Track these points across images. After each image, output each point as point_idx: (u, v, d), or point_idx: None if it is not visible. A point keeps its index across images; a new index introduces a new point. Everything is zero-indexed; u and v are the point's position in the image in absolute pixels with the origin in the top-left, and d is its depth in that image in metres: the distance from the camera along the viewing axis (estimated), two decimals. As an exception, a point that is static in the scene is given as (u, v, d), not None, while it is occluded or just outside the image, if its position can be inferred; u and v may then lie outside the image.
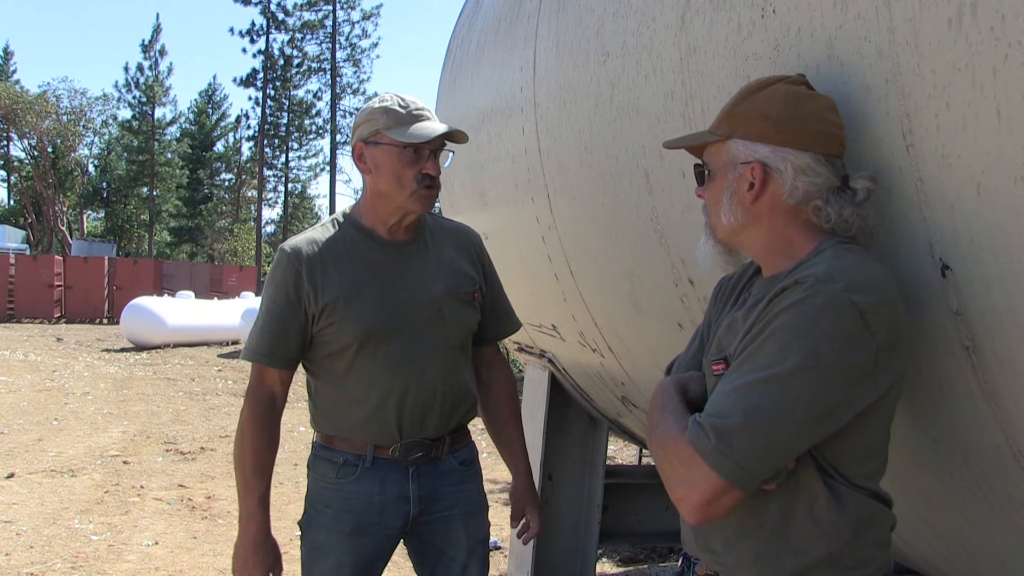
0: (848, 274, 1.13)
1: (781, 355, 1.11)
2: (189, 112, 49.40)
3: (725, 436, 1.12)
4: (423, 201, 1.99)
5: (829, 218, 1.21)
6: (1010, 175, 0.97)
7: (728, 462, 1.12)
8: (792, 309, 1.13)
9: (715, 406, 1.16)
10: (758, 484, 1.15)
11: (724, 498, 1.14)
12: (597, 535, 3.61)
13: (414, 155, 1.96)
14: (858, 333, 1.10)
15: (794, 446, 1.14)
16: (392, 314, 1.99)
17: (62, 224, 40.04)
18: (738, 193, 1.27)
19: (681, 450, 1.17)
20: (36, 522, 5.07)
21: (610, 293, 2.40)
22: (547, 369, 3.55)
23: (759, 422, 1.11)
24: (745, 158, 1.25)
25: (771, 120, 1.23)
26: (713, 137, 1.30)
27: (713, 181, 1.32)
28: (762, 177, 1.24)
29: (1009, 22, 0.94)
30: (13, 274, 23.04)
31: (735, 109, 1.28)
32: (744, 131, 1.26)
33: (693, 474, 1.15)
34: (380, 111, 1.97)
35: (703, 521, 1.19)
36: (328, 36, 43.20)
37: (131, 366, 13.48)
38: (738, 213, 1.28)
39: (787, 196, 1.23)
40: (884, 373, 1.13)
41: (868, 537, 1.21)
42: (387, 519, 2.03)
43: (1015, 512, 1.25)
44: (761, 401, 1.11)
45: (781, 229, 1.26)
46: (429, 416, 2.03)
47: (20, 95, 37.97)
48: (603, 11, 2.06)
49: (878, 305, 1.11)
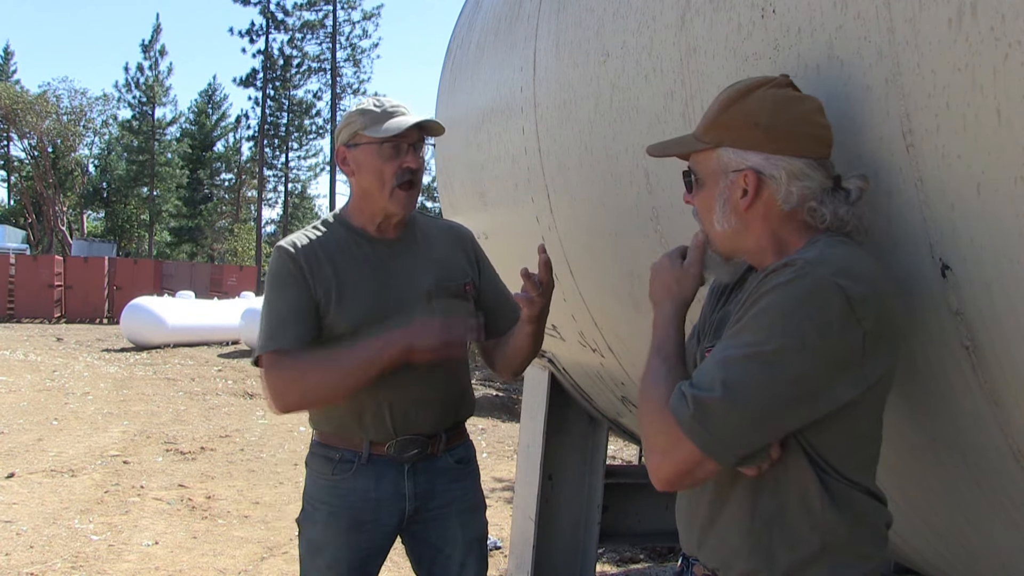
0: (838, 261, 1.14)
1: (765, 333, 1.12)
2: (189, 112, 49.46)
3: (703, 407, 1.13)
4: (402, 202, 2.01)
5: (824, 218, 1.22)
6: (1010, 175, 0.97)
7: (705, 433, 1.13)
8: (779, 289, 1.13)
9: (697, 378, 1.17)
10: (734, 459, 1.15)
11: (697, 470, 1.16)
12: (597, 535, 3.61)
13: (392, 150, 1.99)
14: (844, 318, 1.10)
15: (773, 424, 1.15)
16: (383, 308, 2.00)
17: (62, 224, 40.03)
18: (731, 200, 1.27)
19: (664, 418, 1.18)
20: (36, 522, 5.07)
21: (610, 293, 2.40)
22: (547, 369, 3.55)
23: (737, 396, 1.12)
24: (737, 166, 1.25)
25: (761, 128, 1.22)
26: (701, 146, 1.30)
27: (703, 189, 1.31)
28: (756, 184, 1.24)
29: (1009, 22, 0.94)
30: (13, 274, 23.03)
31: (722, 116, 1.27)
32: (733, 139, 1.25)
33: (669, 442, 1.17)
34: (357, 113, 2.02)
35: (670, 489, 1.22)
36: (328, 36, 43.20)
37: (131, 366, 13.48)
38: (731, 220, 1.28)
39: (782, 202, 1.23)
40: (872, 364, 1.13)
41: (864, 534, 1.22)
42: (383, 516, 2.04)
43: (1015, 512, 1.25)
44: (742, 376, 1.12)
45: (776, 231, 1.26)
46: (423, 411, 2.04)
47: (20, 95, 37.96)
48: (603, 11, 2.06)
49: (866, 293, 1.11)
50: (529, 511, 3.55)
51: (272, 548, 4.77)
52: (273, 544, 4.84)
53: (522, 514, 3.66)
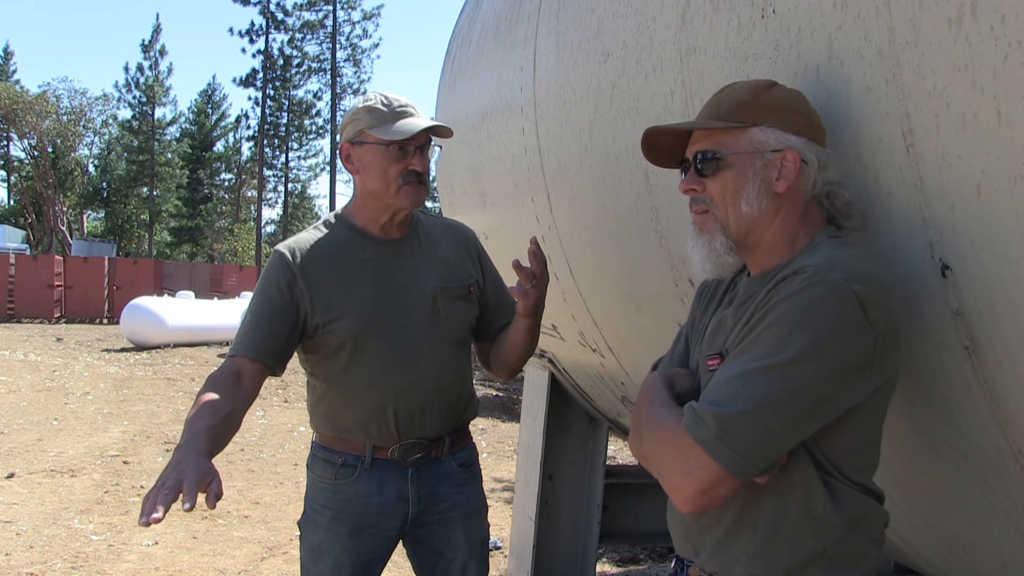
0: (847, 264, 1.14)
1: (782, 344, 1.11)
2: (189, 112, 49.48)
3: (725, 424, 1.11)
4: (410, 197, 1.98)
5: (845, 199, 1.23)
6: (1010, 175, 0.97)
7: (727, 450, 1.11)
8: (793, 298, 1.13)
9: (713, 395, 1.15)
10: (755, 474, 1.14)
11: (720, 487, 1.13)
12: (597, 535, 3.61)
13: (399, 152, 1.96)
14: (859, 322, 1.10)
15: (792, 436, 1.14)
16: (387, 310, 1.99)
17: (62, 224, 40.03)
18: (767, 180, 1.24)
19: (679, 439, 1.16)
20: (36, 522, 5.07)
21: (610, 293, 2.40)
22: (547, 369, 3.55)
23: (760, 410, 1.10)
24: (777, 145, 1.23)
25: (801, 114, 1.24)
26: (734, 124, 1.26)
27: (729, 168, 1.27)
28: (797, 165, 1.23)
29: (1009, 22, 0.94)
30: (13, 274, 23.02)
31: (760, 99, 1.25)
32: (776, 120, 1.24)
33: (690, 463, 1.14)
34: (364, 111, 1.98)
35: (697, 511, 1.18)
36: (328, 36, 43.20)
37: (131, 366, 13.47)
38: (763, 201, 1.25)
39: (809, 188, 1.24)
40: (880, 366, 1.13)
41: (862, 534, 1.21)
42: (386, 520, 2.03)
43: (1015, 512, 1.24)
44: (762, 389, 1.11)
45: (791, 222, 1.26)
46: (427, 413, 2.02)
47: (20, 95, 37.95)
48: (603, 11, 2.06)
49: (877, 295, 1.12)
50: (529, 511, 3.55)
51: (272, 548, 4.77)
52: (273, 544, 4.84)
53: (522, 514, 3.66)
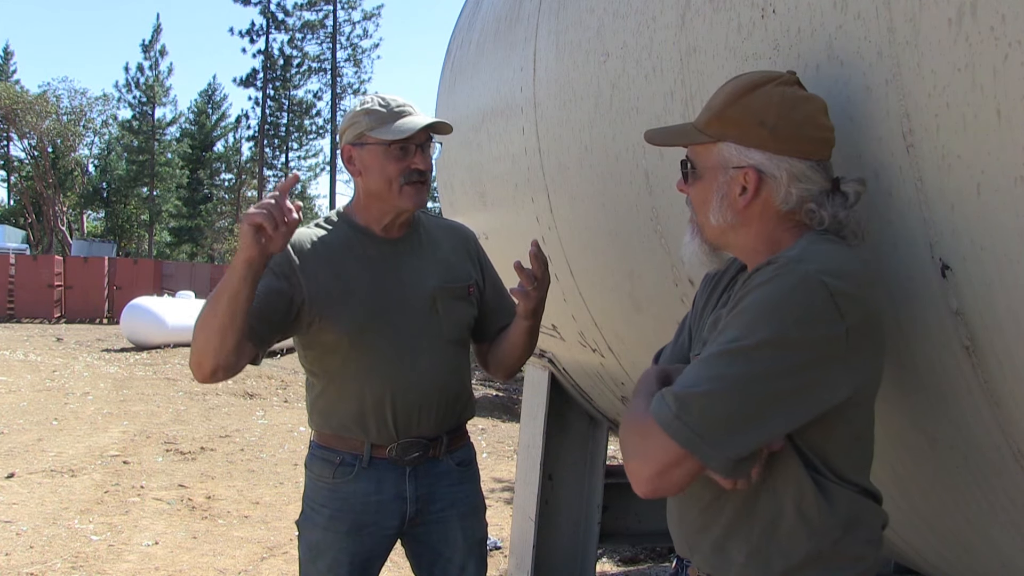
0: (821, 257, 1.14)
1: (747, 330, 1.11)
2: (189, 112, 49.44)
3: (684, 403, 1.11)
4: (412, 197, 1.99)
5: (823, 220, 1.21)
6: (1010, 175, 0.97)
7: (685, 428, 1.10)
8: (763, 287, 1.13)
9: (681, 379, 1.15)
10: (720, 458, 1.11)
11: (676, 469, 1.12)
12: (597, 535, 3.61)
13: (400, 152, 1.96)
14: (827, 313, 1.09)
15: (759, 424, 1.11)
16: (384, 308, 1.99)
17: (62, 224, 40.00)
18: (729, 196, 1.25)
19: (642, 423, 1.16)
20: (36, 522, 5.07)
21: (610, 293, 2.40)
22: (547, 369, 3.55)
23: (720, 391, 1.10)
24: (738, 163, 1.23)
25: (767, 127, 1.21)
26: (702, 138, 1.28)
27: (700, 180, 1.29)
28: (756, 183, 1.22)
29: (1009, 22, 0.94)
30: (13, 274, 23.01)
31: (727, 111, 1.24)
32: (737, 135, 1.23)
33: (647, 444, 1.14)
34: (363, 113, 1.98)
35: (652, 495, 1.16)
36: (328, 36, 43.24)
37: (131, 366, 13.47)
38: (727, 215, 1.26)
39: (780, 202, 1.22)
40: (859, 361, 1.13)
41: (859, 535, 1.21)
42: (384, 519, 2.04)
43: (1015, 512, 1.24)
44: (724, 370, 1.10)
45: (771, 231, 1.25)
46: (425, 413, 2.03)
47: (20, 95, 37.91)
48: (603, 11, 2.06)
49: (850, 289, 1.11)
50: (529, 511, 3.55)
51: (272, 548, 4.77)
52: (273, 544, 4.84)
53: (522, 514, 3.66)
